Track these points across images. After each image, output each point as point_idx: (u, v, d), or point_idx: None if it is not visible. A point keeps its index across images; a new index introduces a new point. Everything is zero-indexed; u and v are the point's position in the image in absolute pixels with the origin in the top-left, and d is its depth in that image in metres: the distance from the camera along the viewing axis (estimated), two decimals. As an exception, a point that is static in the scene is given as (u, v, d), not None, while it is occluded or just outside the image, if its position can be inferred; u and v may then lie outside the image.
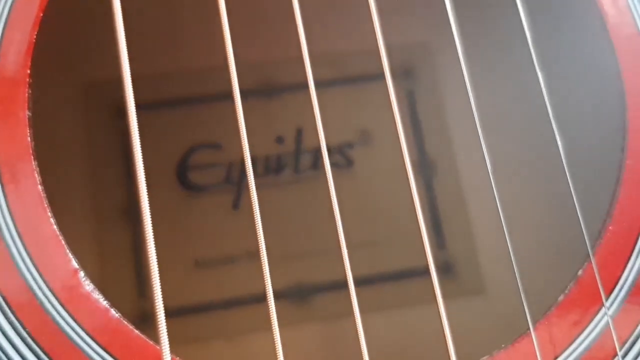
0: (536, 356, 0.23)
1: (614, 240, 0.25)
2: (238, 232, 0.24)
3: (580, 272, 0.24)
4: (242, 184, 0.40)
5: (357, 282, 0.38)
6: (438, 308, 0.38)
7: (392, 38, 0.42)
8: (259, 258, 0.39)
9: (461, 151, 0.27)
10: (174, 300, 0.37)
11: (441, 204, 0.40)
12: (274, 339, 0.26)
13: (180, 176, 0.39)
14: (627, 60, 0.27)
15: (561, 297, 0.24)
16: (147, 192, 0.38)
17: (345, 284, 0.38)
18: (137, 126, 0.22)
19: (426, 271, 0.39)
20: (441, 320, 0.27)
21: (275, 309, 0.38)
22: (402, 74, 0.42)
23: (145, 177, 0.40)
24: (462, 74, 0.40)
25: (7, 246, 0.22)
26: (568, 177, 0.25)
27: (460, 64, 0.39)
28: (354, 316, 0.36)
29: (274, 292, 0.38)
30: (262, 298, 0.24)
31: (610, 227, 0.25)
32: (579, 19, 0.29)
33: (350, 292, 0.23)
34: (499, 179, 0.27)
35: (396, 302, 0.37)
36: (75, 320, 0.22)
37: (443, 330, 0.26)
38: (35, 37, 0.24)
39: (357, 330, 0.31)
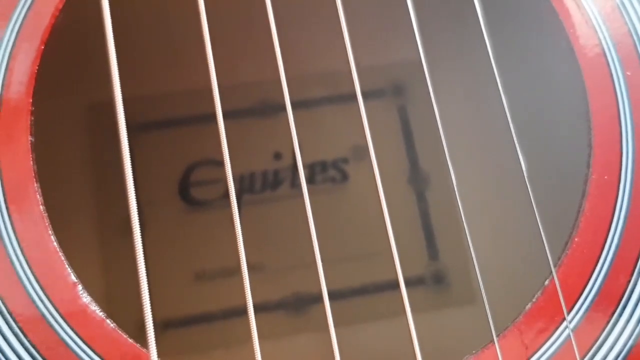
0: (504, 361, 0.25)
1: (579, 251, 0.26)
2: (237, 245, 0.25)
3: (546, 282, 0.26)
4: (240, 199, 0.42)
5: (349, 293, 0.40)
6: (428, 317, 0.39)
7: (384, 56, 0.43)
8: (258, 270, 0.40)
9: (453, 164, 0.28)
10: (175, 311, 0.39)
11: (434, 215, 0.42)
12: (272, 349, 0.27)
13: (182, 192, 0.41)
14: (592, 80, 0.28)
15: (529, 306, 0.26)
16: (150, 207, 0.40)
17: (340, 295, 0.40)
18: (127, 145, 0.23)
19: (416, 282, 0.40)
20: (428, 330, 0.28)
21: (272, 319, 0.39)
22: (394, 90, 0.43)
23: (148, 193, 0.41)
24: (453, 91, 0.41)
25: (12, 262, 0.24)
26: (530, 192, 0.26)
27: (449, 81, 0.41)
28: (350, 326, 0.37)
29: (271, 303, 0.40)
30: (260, 309, 0.25)
31: (575, 239, 0.26)
32: (547, 40, 0.31)
33: (325, 304, 0.24)
34: (470, 192, 0.29)
35: (387, 312, 0.39)
36: (73, 330, 0.24)
37: (430, 340, 0.27)
38: (37, 68, 0.26)
39: (352, 340, 0.33)
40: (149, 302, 0.22)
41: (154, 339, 0.23)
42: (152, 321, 0.23)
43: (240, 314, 0.39)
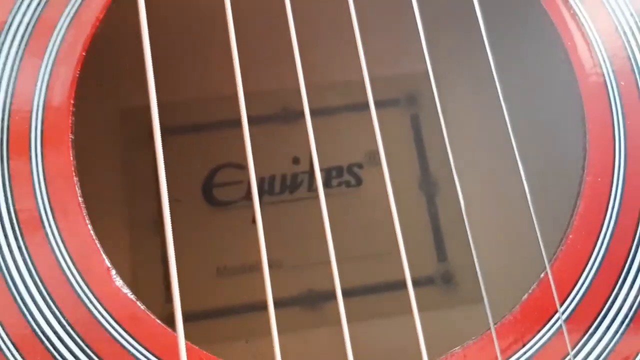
0: (499, 346, 0.27)
1: (572, 247, 0.28)
2: (257, 243, 0.27)
3: (542, 275, 0.28)
4: (261, 200, 0.44)
5: (362, 291, 0.42)
6: (437, 316, 0.41)
7: (399, 67, 0.45)
8: (275, 268, 0.42)
9: (462, 170, 0.30)
10: (197, 305, 0.41)
11: (443, 219, 0.44)
12: (287, 342, 0.28)
13: (206, 193, 0.43)
14: (588, 89, 0.30)
15: (525, 297, 0.28)
16: (176, 206, 0.43)
17: (353, 292, 0.42)
18: (161, 147, 0.25)
19: (426, 282, 0.42)
20: (435, 328, 0.30)
21: (288, 314, 0.41)
22: (407, 100, 0.45)
23: (175, 193, 0.44)
24: (463, 101, 0.43)
25: (52, 248, 0.27)
26: (527, 192, 0.28)
27: (458, 92, 0.43)
28: (362, 322, 0.39)
29: (287, 298, 0.42)
30: (277, 304, 0.27)
31: (570, 236, 0.28)
32: (546, 53, 0.33)
33: (338, 301, 0.26)
34: (476, 196, 0.31)
35: (398, 310, 0.40)
36: (107, 311, 0.26)
37: (439, 337, 0.29)
38: (78, 72, 0.28)
39: (364, 336, 0.34)
40: (178, 292, 0.24)
41: (181, 321, 0.24)
42: (180, 308, 0.24)
43: (258, 309, 0.41)
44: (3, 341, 0.26)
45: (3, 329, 0.26)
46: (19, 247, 0.26)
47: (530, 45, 0.34)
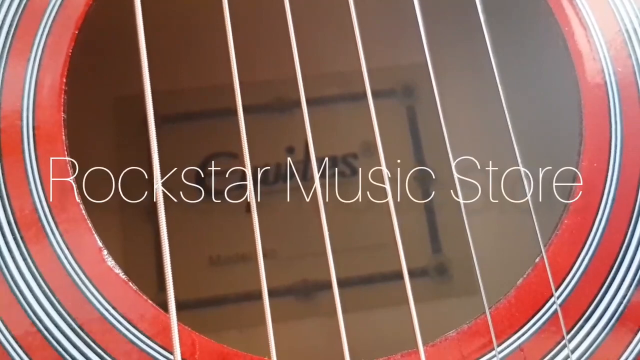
0: (495, 331, 0.26)
1: (568, 232, 0.28)
2: (250, 233, 0.27)
3: (537, 260, 0.28)
4: (255, 189, 0.44)
5: (356, 281, 0.42)
6: (432, 307, 0.41)
7: (396, 58, 0.45)
8: (269, 258, 0.42)
9: (457, 162, 0.30)
10: (189, 294, 0.41)
11: (438, 211, 0.44)
12: (281, 332, 0.28)
13: (200, 181, 0.43)
14: (585, 76, 0.30)
15: (520, 281, 0.27)
16: (170, 195, 0.42)
17: (347, 283, 0.42)
18: (155, 136, 0.25)
19: (420, 274, 0.42)
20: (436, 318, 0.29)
21: (282, 304, 0.41)
22: (404, 91, 0.45)
23: (168, 182, 0.44)
24: (459, 92, 0.43)
25: (43, 226, 0.26)
26: (523, 179, 0.28)
27: (456, 83, 0.43)
28: (356, 313, 0.39)
29: (281, 288, 0.41)
30: (271, 294, 0.27)
31: (565, 221, 0.28)
32: (544, 39, 0.33)
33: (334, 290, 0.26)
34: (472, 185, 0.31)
35: (392, 301, 0.40)
36: (98, 291, 0.26)
37: (433, 328, 0.28)
38: (71, 51, 0.28)
39: (358, 326, 0.34)
40: (171, 281, 0.24)
41: (174, 308, 0.24)
42: (173, 296, 0.24)
43: (251, 299, 0.41)
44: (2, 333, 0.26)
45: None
46: (10, 226, 0.26)
47: (528, 31, 0.34)
